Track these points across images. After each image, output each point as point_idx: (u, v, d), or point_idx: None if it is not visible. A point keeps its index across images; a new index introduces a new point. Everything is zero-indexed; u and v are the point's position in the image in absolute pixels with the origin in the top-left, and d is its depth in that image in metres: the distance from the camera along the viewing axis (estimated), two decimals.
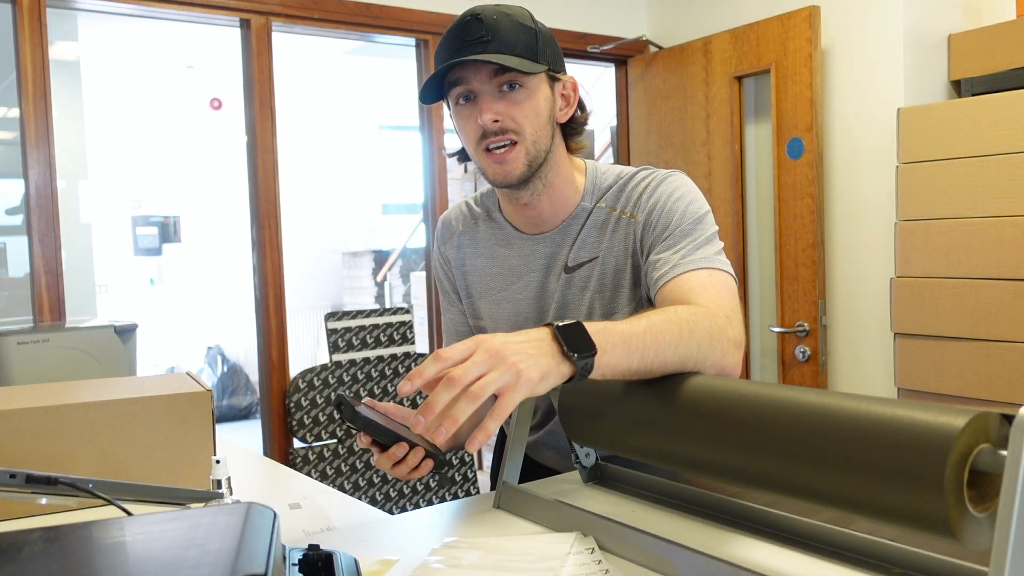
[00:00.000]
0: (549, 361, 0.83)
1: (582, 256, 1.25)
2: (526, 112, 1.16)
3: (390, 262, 6.31)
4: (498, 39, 1.13)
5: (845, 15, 2.73)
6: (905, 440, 0.68)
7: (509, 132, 1.16)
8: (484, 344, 0.82)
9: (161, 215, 6.36)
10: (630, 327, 0.91)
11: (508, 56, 1.13)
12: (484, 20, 1.14)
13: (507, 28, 1.14)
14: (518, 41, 1.14)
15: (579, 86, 1.24)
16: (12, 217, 3.91)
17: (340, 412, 1.05)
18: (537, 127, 1.17)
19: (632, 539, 0.90)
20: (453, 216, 1.40)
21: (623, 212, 1.23)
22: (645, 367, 0.91)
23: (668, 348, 0.92)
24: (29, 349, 1.83)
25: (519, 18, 1.17)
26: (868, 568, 0.82)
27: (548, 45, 1.19)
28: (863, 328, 2.74)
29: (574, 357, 0.84)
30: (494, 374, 0.80)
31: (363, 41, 3.53)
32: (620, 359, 0.88)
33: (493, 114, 1.14)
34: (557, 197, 1.25)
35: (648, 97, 3.32)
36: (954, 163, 2.31)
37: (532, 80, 1.16)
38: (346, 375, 2.80)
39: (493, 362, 0.80)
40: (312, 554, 0.75)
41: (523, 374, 0.80)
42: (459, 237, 1.38)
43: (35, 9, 2.27)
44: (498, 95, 1.15)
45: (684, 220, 1.17)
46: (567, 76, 1.23)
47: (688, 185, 1.22)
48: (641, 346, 0.90)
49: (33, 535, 0.63)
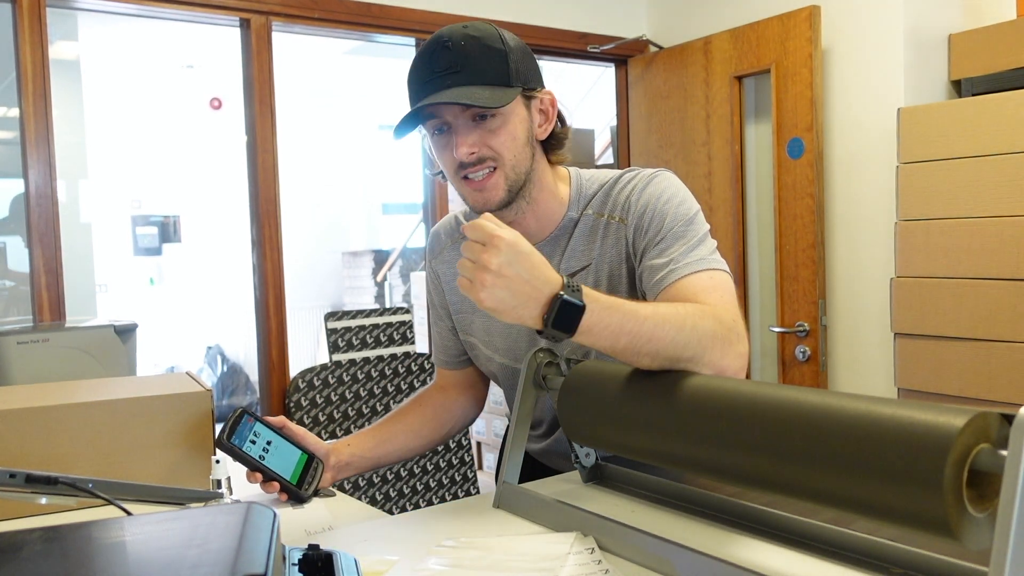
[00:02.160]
0: (520, 311, 0.89)
1: (573, 265, 1.25)
2: (502, 139, 1.15)
3: (390, 262, 6.30)
4: (467, 68, 1.11)
5: (845, 15, 2.73)
6: (905, 440, 0.68)
7: (487, 160, 1.15)
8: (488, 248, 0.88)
9: (161, 215, 6.35)
10: (632, 311, 0.94)
11: (477, 88, 1.11)
12: (452, 48, 1.12)
13: (476, 55, 1.12)
14: (488, 67, 1.12)
15: (556, 100, 1.22)
16: (12, 217, 3.91)
17: (223, 428, 1.19)
18: (515, 151, 1.16)
19: (632, 539, 0.90)
20: (443, 230, 1.41)
21: (611, 217, 1.22)
22: (632, 350, 0.93)
23: (662, 341, 0.94)
24: (29, 349, 1.83)
25: (487, 40, 1.14)
26: (868, 568, 0.82)
27: (520, 62, 1.16)
28: (863, 328, 2.74)
29: (548, 328, 0.88)
30: (467, 270, 0.89)
31: (363, 41, 3.53)
32: (604, 338, 0.92)
33: (468, 147, 1.14)
34: (542, 211, 1.24)
35: (648, 97, 3.32)
36: (954, 163, 2.31)
37: (506, 106, 1.14)
38: (346, 375, 2.80)
39: (474, 266, 0.88)
40: (312, 554, 0.75)
41: (483, 300, 0.88)
42: (448, 252, 1.38)
43: (35, 8, 2.27)
44: (472, 126, 1.14)
45: (676, 222, 1.16)
46: (544, 91, 1.20)
47: (676, 185, 1.22)
48: (632, 331, 0.92)
49: (33, 535, 0.63)
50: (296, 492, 1.22)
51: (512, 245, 0.87)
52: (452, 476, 2.97)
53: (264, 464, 1.20)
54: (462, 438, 3.02)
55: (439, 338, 1.44)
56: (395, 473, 2.85)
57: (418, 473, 2.90)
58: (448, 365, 1.44)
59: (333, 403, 2.76)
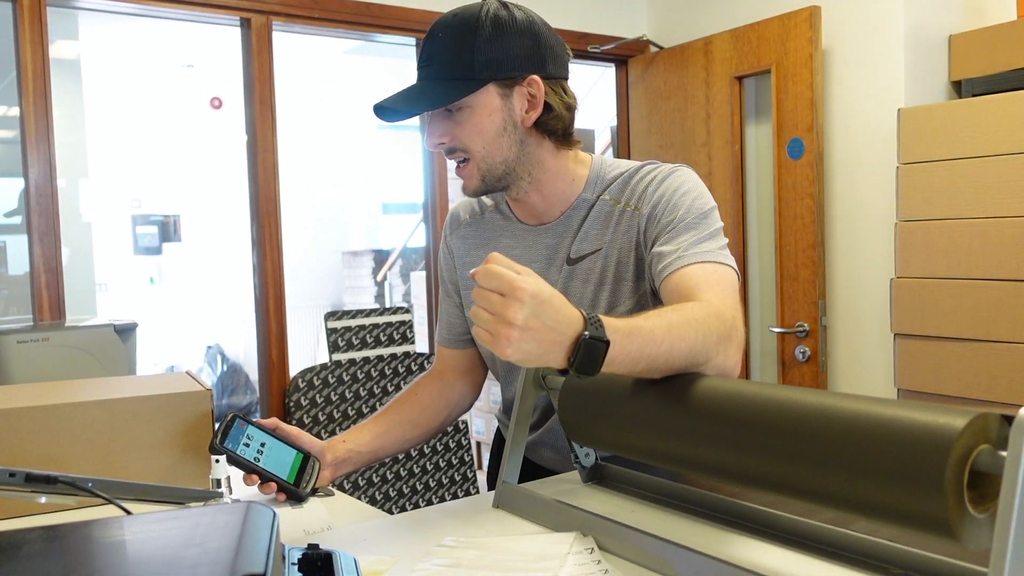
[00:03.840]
0: (546, 357, 0.82)
1: (585, 248, 1.25)
2: (468, 131, 1.17)
3: (390, 262, 6.30)
4: (436, 62, 1.16)
5: (846, 15, 2.73)
6: (905, 441, 0.68)
7: (458, 151, 1.19)
8: (511, 301, 0.79)
9: (161, 214, 6.35)
10: (645, 336, 0.88)
11: (437, 84, 1.14)
12: (431, 39, 1.16)
13: (446, 48, 1.15)
14: (455, 60, 1.14)
15: (543, 85, 1.17)
16: (12, 216, 3.91)
17: (216, 433, 1.18)
18: (484, 143, 1.18)
19: (631, 539, 0.90)
20: (461, 208, 1.43)
21: (627, 205, 1.23)
22: (649, 372, 0.92)
23: (674, 354, 0.91)
24: (29, 348, 1.83)
25: (461, 31, 1.14)
26: (868, 568, 0.82)
27: (494, 53, 1.14)
28: (863, 328, 2.74)
29: (572, 368, 0.83)
30: (486, 322, 0.81)
31: (363, 41, 3.53)
32: (624, 366, 0.87)
33: (437, 138, 1.19)
34: (549, 191, 1.25)
35: (648, 97, 3.32)
36: (954, 164, 2.31)
37: (474, 97, 1.15)
38: (346, 375, 2.80)
39: (496, 319, 0.80)
40: (312, 554, 0.75)
41: (509, 355, 0.81)
42: (465, 228, 1.40)
43: (35, 8, 2.27)
44: (444, 115, 1.18)
45: (689, 214, 1.17)
46: (530, 77, 1.16)
47: (694, 180, 1.22)
48: (650, 356, 0.88)
49: (32, 534, 0.63)
50: (294, 491, 1.22)
51: (536, 296, 0.80)
52: (452, 476, 2.97)
53: (260, 466, 1.20)
54: (462, 438, 3.02)
55: (445, 315, 1.44)
56: (395, 473, 2.85)
57: (418, 473, 2.90)
58: (451, 343, 1.44)
59: (333, 403, 2.76)
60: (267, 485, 1.21)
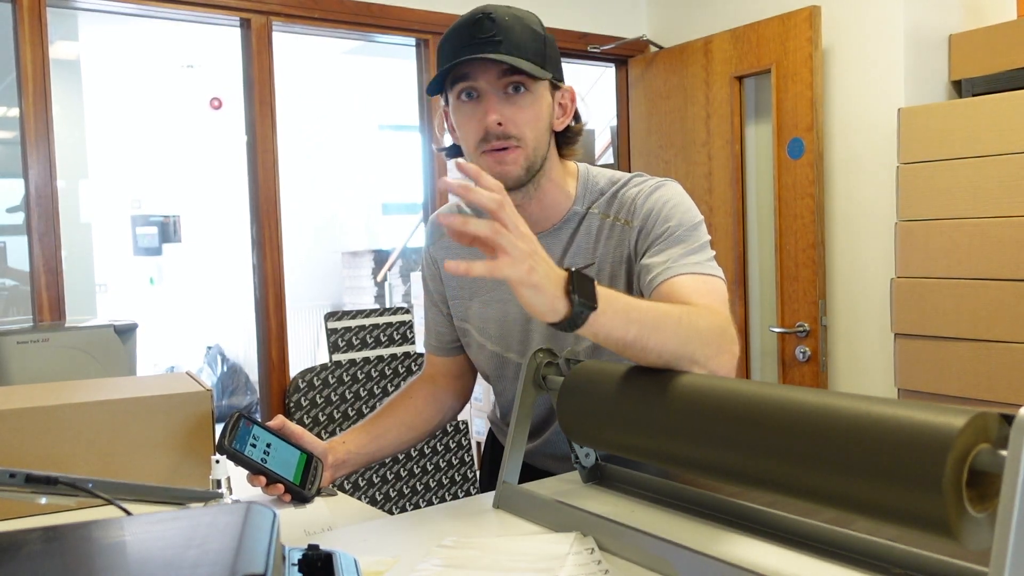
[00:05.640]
0: (552, 288, 0.85)
1: (578, 262, 1.26)
2: (529, 118, 1.17)
3: (390, 262, 6.30)
4: (509, 41, 1.14)
5: (845, 15, 2.73)
6: (904, 440, 0.68)
7: (512, 137, 1.17)
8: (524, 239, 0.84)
9: (161, 215, 6.35)
10: (636, 301, 0.94)
11: (519, 59, 1.13)
12: (496, 20, 1.14)
13: (518, 31, 1.15)
14: (528, 46, 1.15)
15: (576, 96, 1.26)
16: (12, 216, 3.91)
17: (223, 433, 1.18)
18: (538, 134, 1.19)
19: (631, 539, 0.90)
20: (443, 216, 1.42)
21: (617, 218, 1.24)
22: (640, 344, 0.92)
23: (666, 333, 0.94)
24: (29, 349, 1.83)
25: (530, 23, 1.18)
26: (868, 568, 0.82)
27: (553, 53, 1.20)
28: (863, 328, 2.74)
29: (575, 299, 0.86)
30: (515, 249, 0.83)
31: (363, 41, 3.53)
32: (617, 325, 0.90)
33: (498, 116, 1.15)
34: (548, 202, 1.26)
35: (648, 97, 3.32)
36: (954, 163, 2.31)
37: (538, 86, 1.18)
38: (346, 375, 2.80)
39: (522, 249, 0.83)
40: (312, 554, 0.75)
41: (527, 274, 0.83)
42: (447, 239, 1.39)
43: (35, 8, 2.27)
44: (504, 97, 1.16)
45: (680, 227, 1.18)
46: (567, 86, 1.25)
47: (682, 194, 1.24)
48: (640, 320, 0.92)
49: (32, 535, 0.63)
50: (300, 492, 1.22)
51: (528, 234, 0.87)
52: (452, 476, 2.97)
53: (267, 467, 1.20)
54: (462, 438, 3.02)
55: (432, 324, 1.45)
56: (395, 473, 2.85)
57: (418, 473, 2.90)
58: (440, 351, 1.45)
59: (333, 403, 2.76)
60: (274, 486, 1.21)
